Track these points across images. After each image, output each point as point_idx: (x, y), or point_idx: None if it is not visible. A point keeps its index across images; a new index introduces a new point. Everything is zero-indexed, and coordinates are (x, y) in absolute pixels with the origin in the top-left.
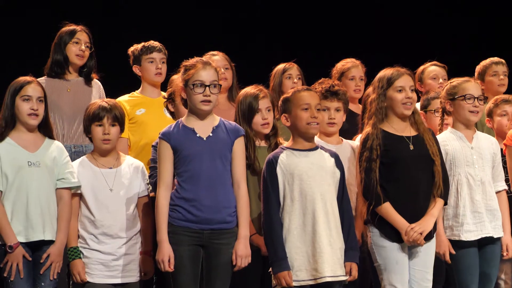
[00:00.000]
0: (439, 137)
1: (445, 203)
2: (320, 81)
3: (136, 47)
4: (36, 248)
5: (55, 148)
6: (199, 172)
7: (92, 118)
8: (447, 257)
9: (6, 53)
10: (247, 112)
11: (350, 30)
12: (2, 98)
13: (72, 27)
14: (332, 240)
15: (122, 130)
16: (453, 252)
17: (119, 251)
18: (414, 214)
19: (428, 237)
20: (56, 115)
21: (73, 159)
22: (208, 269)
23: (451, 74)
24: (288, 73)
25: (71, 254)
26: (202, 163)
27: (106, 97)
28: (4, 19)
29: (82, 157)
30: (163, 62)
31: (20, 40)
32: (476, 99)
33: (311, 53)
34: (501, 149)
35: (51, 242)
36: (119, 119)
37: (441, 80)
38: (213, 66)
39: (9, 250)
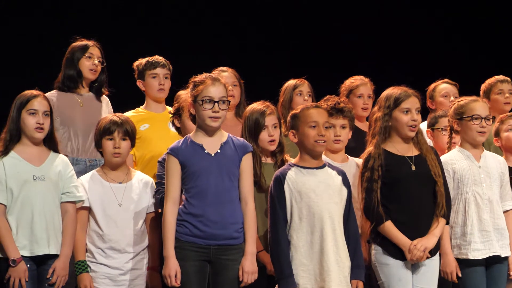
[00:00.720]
0: (446, 155)
1: (447, 223)
2: (325, 98)
3: (141, 61)
4: (41, 262)
5: (60, 162)
6: (207, 188)
7: (103, 132)
8: (454, 277)
9: (10, 63)
10: (253, 129)
11: (360, 47)
12: (4, 110)
13: (84, 42)
14: (339, 259)
15: (132, 145)
16: (460, 274)
17: (126, 265)
18: (415, 233)
19: (431, 254)
20: (70, 130)
21: (87, 173)
22: (214, 285)
23: (461, 92)
24: (299, 89)
25: (78, 267)
26: (209, 179)
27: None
28: (7, 27)
29: (92, 171)
30: (166, 78)
31: (23, 50)
32: (483, 120)
33: (321, 70)
34: (510, 168)
35: (56, 256)
36: (129, 134)
37: (452, 98)
38: (222, 82)
39: (12, 265)
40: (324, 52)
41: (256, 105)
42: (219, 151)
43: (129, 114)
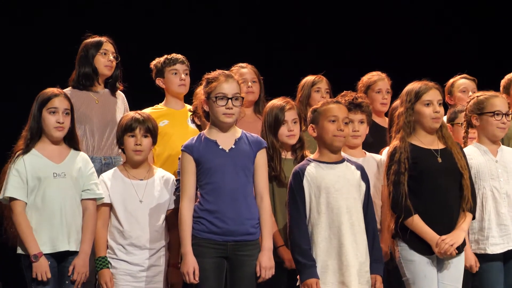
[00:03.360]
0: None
1: (473, 217)
2: (342, 93)
3: (159, 60)
4: (62, 259)
5: (81, 159)
6: (222, 185)
7: (124, 129)
8: (473, 269)
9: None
10: (273, 124)
11: (377, 43)
12: (24, 108)
13: (97, 38)
14: (358, 254)
15: (154, 142)
16: (477, 267)
17: (146, 262)
18: (442, 227)
19: (459, 251)
20: (86, 127)
21: (103, 171)
22: (232, 281)
23: (479, 87)
24: (317, 86)
25: (99, 263)
26: (224, 175)
27: (136, 109)
28: (20, 27)
29: (114, 168)
30: (186, 74)
31: (37, 49)
32: (504, 115)
33: (338, 66)
34: None
35: (76, 253)
36: (151, 131)
37: (470, 93)
38: (235, 78)
39: (34, 260)
40: (343, 49)
41: (276, 101)
42: (233, 147)
43: (148, 110)
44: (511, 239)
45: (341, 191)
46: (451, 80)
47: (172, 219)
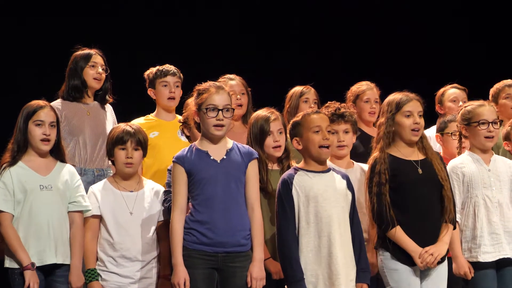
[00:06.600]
0: (456, 159)
1: (454, 228)
2: (326, 105)
3: (151, 70)
4: (49, 272)
5: (67, 171)
6: (214, 195)
7: (115, 142)
8: (468, 276)
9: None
10: (258, 135)
11: (366, 53)
12: (10, 120)
13: (87, 51)
14: (346, 262)
15: (144, 154)
16: (472, 273)
17: (137, 274)
18: (423, 238)
19: (440, 260)
20: (79, 139)
21: (95, 183)
22: None
23: (470, 96)
24: (306, 96)
25: (88, 275)
26: (216, 186)
27: (123, 120)
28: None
29: (104, 180)
30: (177, 86)
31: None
32: (490, 124)
33: (327, 76)
34: None
35: (63, 265)
36: (142, 144)
37: (461, 103)
38: (226, 90)
39: (32, 268)
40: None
41: (261, 112)
42: (225, 157)
43: (140, 121)
44: (503, 248)
45: (329, 200)
46: (442, 90)
47: (162, 231)
